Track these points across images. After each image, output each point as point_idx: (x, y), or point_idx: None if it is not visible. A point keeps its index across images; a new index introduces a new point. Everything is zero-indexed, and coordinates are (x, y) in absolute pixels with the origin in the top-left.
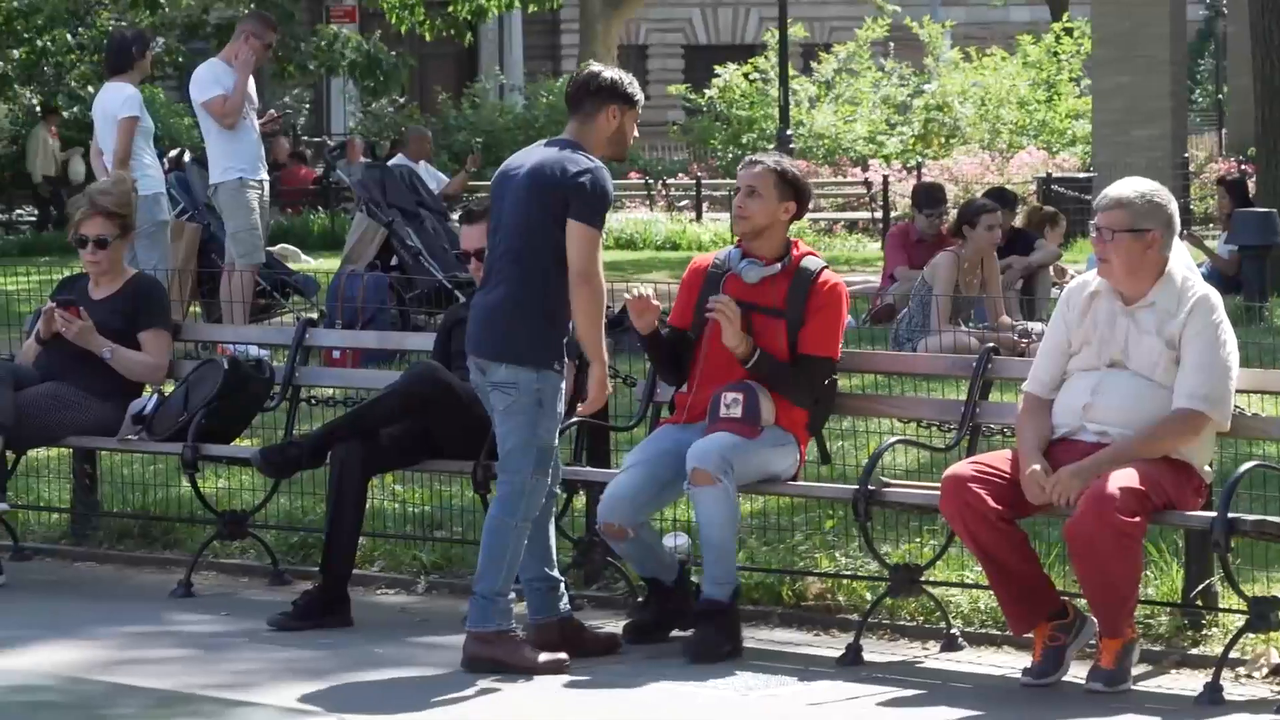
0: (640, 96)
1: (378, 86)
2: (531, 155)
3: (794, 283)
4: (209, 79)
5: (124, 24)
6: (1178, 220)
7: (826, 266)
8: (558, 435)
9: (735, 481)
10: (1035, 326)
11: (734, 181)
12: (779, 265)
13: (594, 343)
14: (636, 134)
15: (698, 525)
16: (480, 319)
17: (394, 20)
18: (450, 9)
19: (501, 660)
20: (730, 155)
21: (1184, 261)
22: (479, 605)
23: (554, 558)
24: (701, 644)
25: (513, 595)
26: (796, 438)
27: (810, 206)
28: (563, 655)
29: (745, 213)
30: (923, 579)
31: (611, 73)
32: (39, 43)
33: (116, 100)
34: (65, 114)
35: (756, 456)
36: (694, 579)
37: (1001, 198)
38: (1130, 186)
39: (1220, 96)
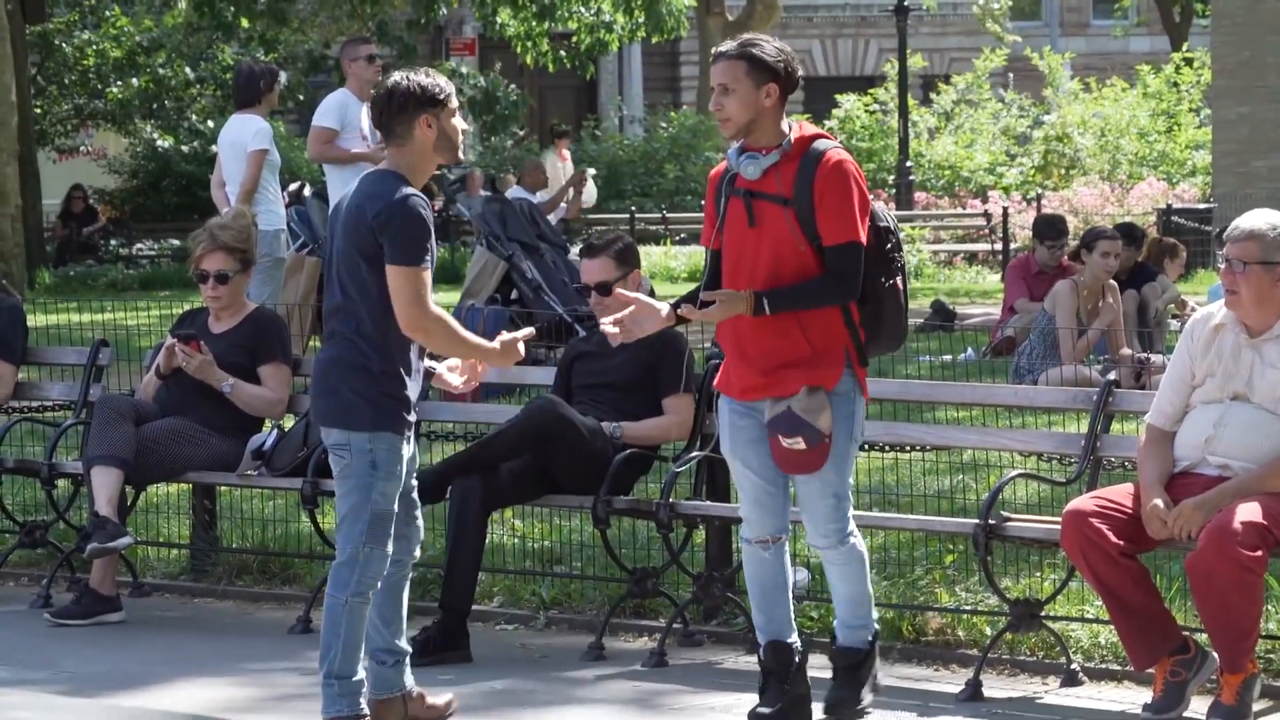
0: (448, 90)
1: (495, 122)
2: (353, 190)
3: (801, 167)
4: (329, 107)
5: (249, 58)
6: None
7: (837, 146)
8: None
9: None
10: (1156, 358)
11: None
12: (778, 153)
13: (460, 353)
14: (466, 126)
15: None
16: (313, 378)
17: (519, 50)
18: (573, 40)
19: None
20: None
21: None
22: (323, 689)
23: (404, 628)
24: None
25: (361, 674)
26: (848, 364)
27: (929, 235)
28: None
29: (723, 114)
30: (1043, 614)
31: (406, 81)
32: (160, 71)
33: (246, 132)
34: (185, 148)
35: (840, 446)
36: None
37: (1129, 234)
38: (1262, 218)
39: None
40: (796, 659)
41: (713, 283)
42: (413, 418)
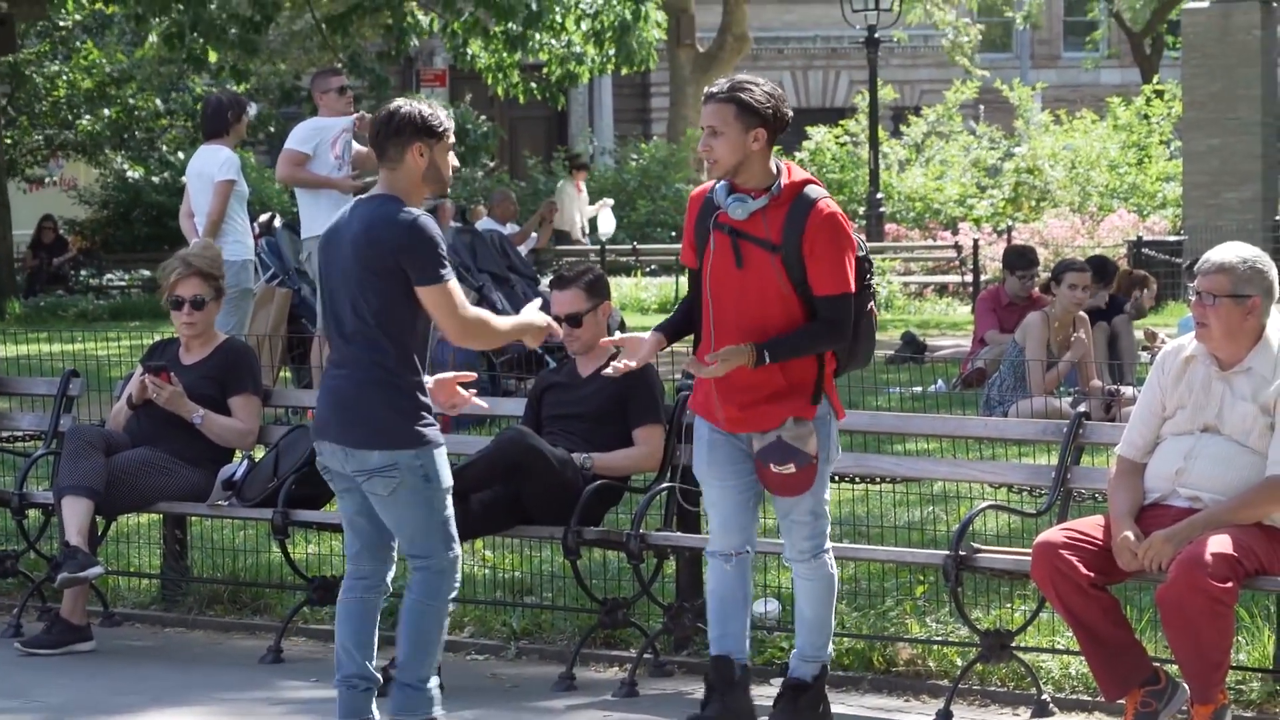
0: (447, 125)
1: (466, 154)
2: (350, 217)
3: (790, 214)
4: (304, 134)
5: (219, 88)
6: (1278, 287)
7: (826, 195)
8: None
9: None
10: (1126, 390)
11: None
12: (766, 197)
13: (506, 338)
14: (455, 163)
15: (794, 598)
16: (333, 404)
17: (490, 81)
18: (544, 71)
19: None
20: None
21: None
22: (406, 694)
23: (374, 655)
24: None
25: (437, 680)
26: (827, 400)
27: (899, 267)
28: None
29: (711, 155)
30: (1014, 645)
31: (409, 108)
32: (131, 102)
33: (214, 163)
34: (156, 179)
35: (819, 466)
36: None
37: (1101, 268)
38: (1233, 251)
39: None
40: (738, 674)
41: (693, 301)
42: None
